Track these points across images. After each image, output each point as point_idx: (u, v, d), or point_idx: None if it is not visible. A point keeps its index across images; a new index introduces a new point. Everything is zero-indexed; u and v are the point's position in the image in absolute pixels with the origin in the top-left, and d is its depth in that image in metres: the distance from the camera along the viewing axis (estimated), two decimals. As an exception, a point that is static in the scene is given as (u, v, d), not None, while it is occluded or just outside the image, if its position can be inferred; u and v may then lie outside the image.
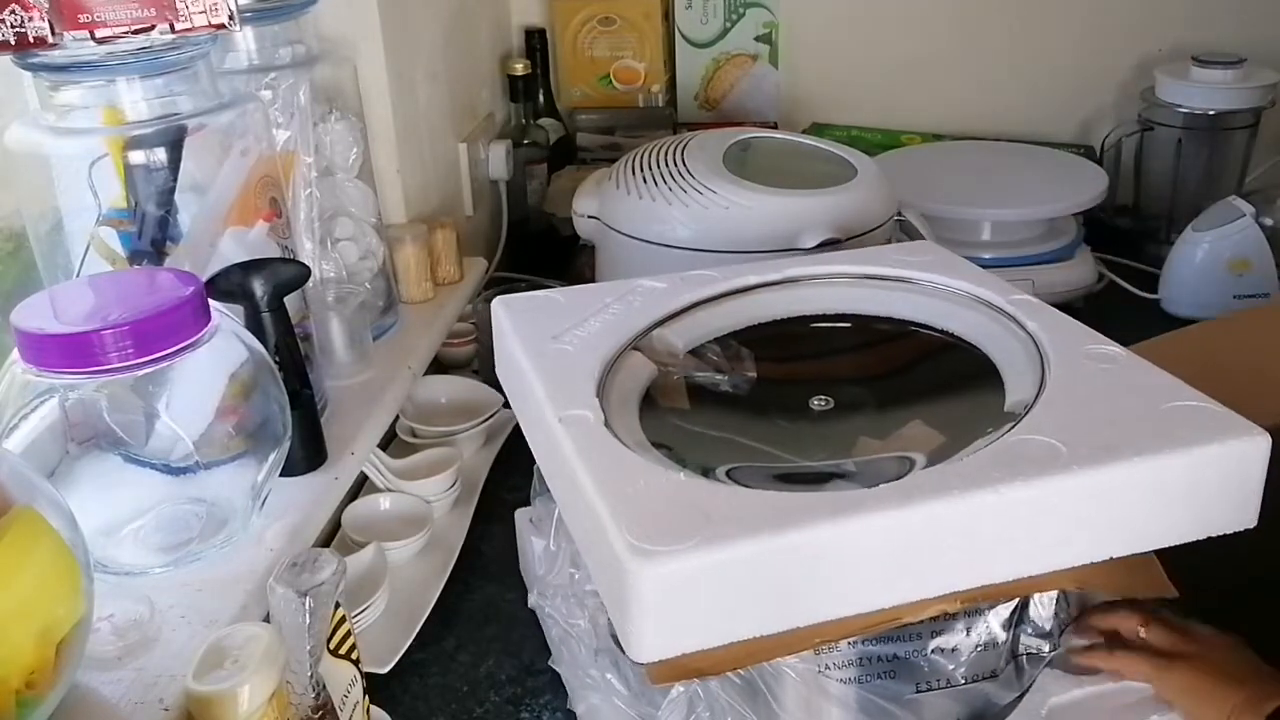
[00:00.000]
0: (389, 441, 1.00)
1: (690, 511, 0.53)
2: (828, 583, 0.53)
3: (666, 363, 0.71)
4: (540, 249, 1.43)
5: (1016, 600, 0.63)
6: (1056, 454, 0.55)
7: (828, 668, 0.61)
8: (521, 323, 0.73)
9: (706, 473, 0.59)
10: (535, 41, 1.57)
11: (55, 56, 0.66)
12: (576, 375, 0.66)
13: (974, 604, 0.61)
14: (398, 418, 0.99)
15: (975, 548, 0.55)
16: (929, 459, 0.59)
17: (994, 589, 0.57)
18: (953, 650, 0.62)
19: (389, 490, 0.93)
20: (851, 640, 0.59)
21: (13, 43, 0.63)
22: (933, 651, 0.62)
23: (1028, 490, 0.53)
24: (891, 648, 0.61)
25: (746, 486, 0.57)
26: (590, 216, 1.10)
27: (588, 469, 0.57)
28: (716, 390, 0.70)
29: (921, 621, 0.59)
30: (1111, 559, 0.57)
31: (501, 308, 0.75)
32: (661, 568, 0.50)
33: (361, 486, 0.95)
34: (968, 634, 0.62)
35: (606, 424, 0.61)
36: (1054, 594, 0.64)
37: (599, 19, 1.60)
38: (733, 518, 0.52)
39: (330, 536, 0.89)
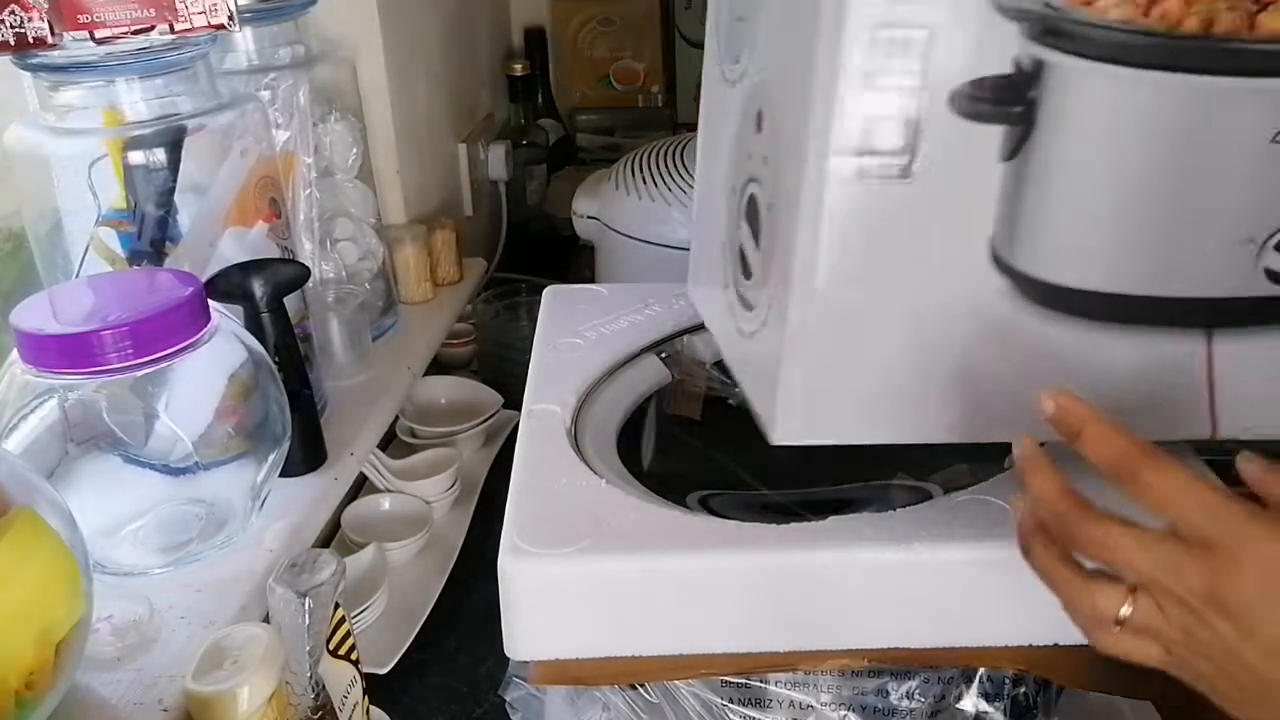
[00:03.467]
0: (389, 442, 1.00)
1: (587, 520, 0.53)
2: (711, 614, 0.53)
3: (688, 371, 0.70)
4: (540, 249, 1.43)
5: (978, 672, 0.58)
6: (1002, 519, 0.52)
7: (745, 702, 0.58)
8: (556, 314, 0.73)
9: (666, 487, 0.58)
10: (535, 42, 1.57)
11: (55, 57, 0.66)
12: (572, 371, 0.66)
13: (887, 665, 0.57)
14: (397, 418, 0.99)
15: (884, 604, 0.52)
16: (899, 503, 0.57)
17: (913, 653, 0.54)
18: (888, 711, 0.59)
19: (389, 491, 0.93)
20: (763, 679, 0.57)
21: (12, 43, 0.63)
22: (858, 708, 0.58)
23: (950, 552, 0.51)
24: (807, 695, 0.58)
25: (682, 507, 0.56)
26: (590, 217, 1.10)
27: (522, 460, 0.58)
28: (731, 405, 0.70)
29: (824, 672, 0.57)
30: (1061, 646, 0.53)
31: (548, 297, 0.76)
32: (530, 568, 0.51)
33: (361, 487, 0.95)
34: (909, 698, 0.58)
35: (574, 422, 0.61)
36: (1007, 672, 0.59)
37: (599, 19, 1.60)
38: (626, 533, 0.52)
39: (330, 537, 0.89)
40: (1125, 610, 0.41)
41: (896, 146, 0.47)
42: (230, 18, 0.67)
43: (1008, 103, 0.47)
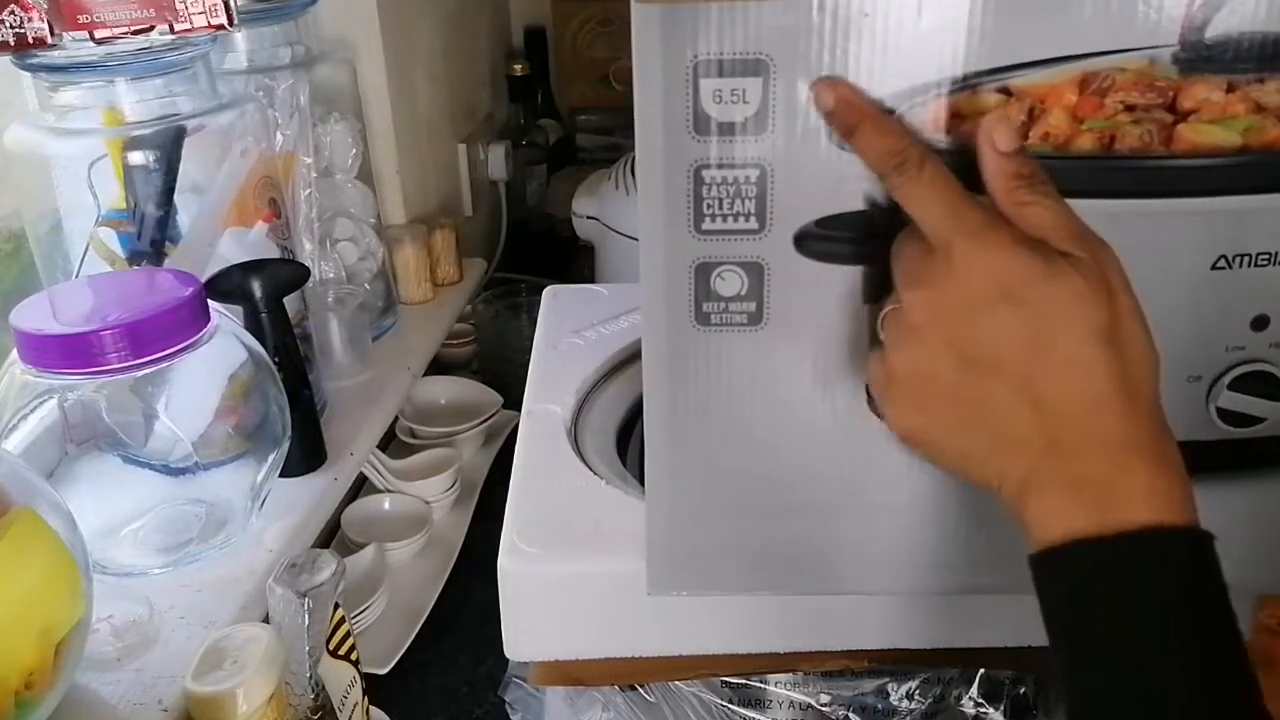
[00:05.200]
0: (388, 442, 1.00)
1: (587, 520, 0.53)
2: (711, 614, 0.52)
3: None
4: (540, 249, 1.43)
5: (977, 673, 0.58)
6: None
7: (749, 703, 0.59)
8: (556, 314, 0.73)
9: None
10: (535, 42, 1.57)
11: (55, 57, 0.66)
12: (572, 371, 0.66)
13: (887, 665, 0.56)
14: (397, 418, 0.99)
15: (884, 604, 0.52)
16: None
17: (913, 653, 0.54)
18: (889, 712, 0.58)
19: (388, 491, 0.93)
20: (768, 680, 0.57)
21: (12, 43, 0.63)
22: (858, 708, 0.58)
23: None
24: (807, 695, 0.58)
25: None
26: (589, 217, 1.10)
27: (521, 461, 0.58)
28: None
29: (826, 672, 0.56)
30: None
31: (548, 297, 0.76)
32: (530, 569, 0.51)
33: (361, 487, 0.95)
34: (909, 698, 0.58)
35: (574, 422, 0.61)
36: (1007, 672, 0.59)
37: (599, 19, 1.60)
38: (626, 533, 0.52)
39: (330, 537, 0.89)
40: (889, 305, 0.41)
41: (739, 293, 0.43)
42: (230, 18, 0.67)
43: (862, 242, 0.42)
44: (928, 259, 0.39)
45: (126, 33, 0.65)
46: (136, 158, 0.70)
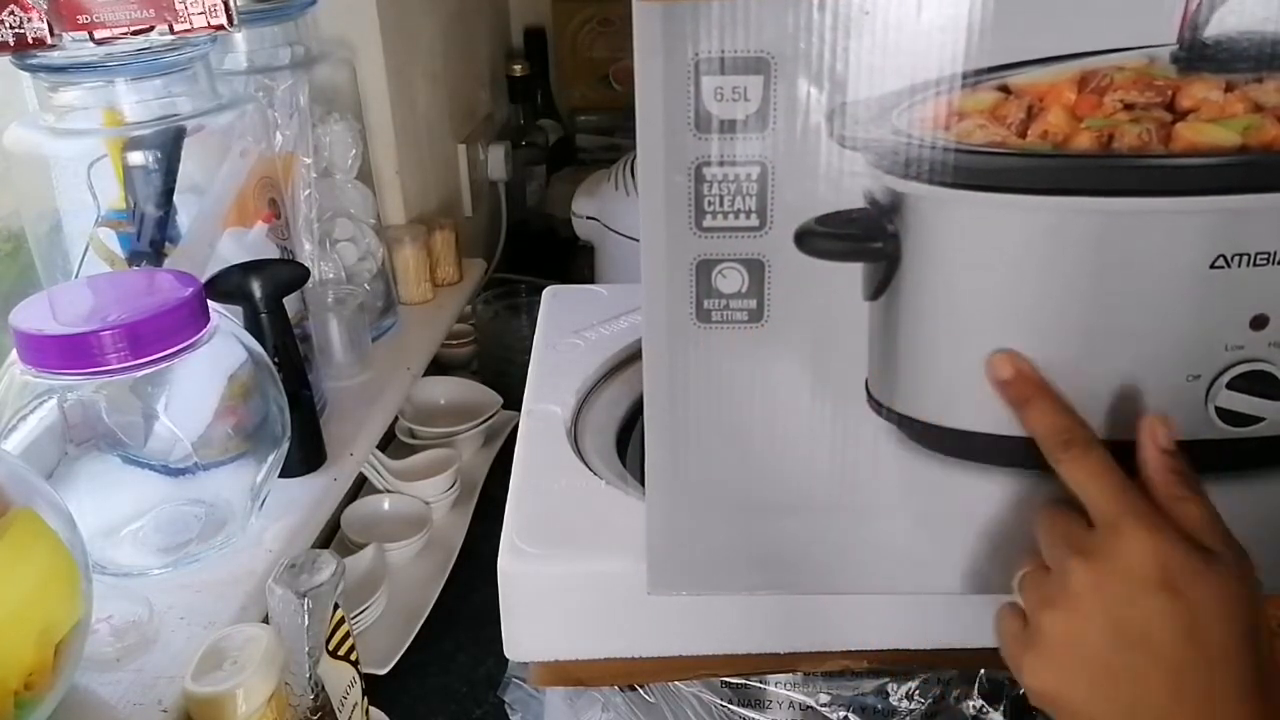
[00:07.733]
0: (388, 442, 1.00)
1: (587, 520, 0.53)
2: (711, 614, 0.52)
3: None
4: (539, 250, 1.43)
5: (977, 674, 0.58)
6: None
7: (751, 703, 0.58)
8: (556, 314, 0.73)
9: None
10: (535, 42, 1.57)
11: (54, 57, 0.66)
12: (572, 371, 0.66)
13: (887, 665, 0.56)
14: (397, 419, 0.99)
15: (885, 604, 0.52)
16: None
17: (913, 653, 0.54)
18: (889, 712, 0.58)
19: (388, 491, 0.93)
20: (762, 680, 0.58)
21: (12, 43, 0.63)
22: (858, 708, 0.58)
23: None
24: (807, 695, 0.58)
25: None
26: (589, 217, 1.10)
27: (521, 461, 0.58)
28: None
29: (826, 672, 0.57)
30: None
31: (548, 297, 0.76)
32: (530, 569, 0.51)
33: (361, 487, 0.95)
34: (909, 698, 0.58)
35: (574, 422, 0.61)
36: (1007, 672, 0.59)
37: (598, 19, 1.60)
38: (626, 533, 0.52)
39: (329, 537, 0.89)
40: (1027, 566, 0.44)
41: (740, 290, 0.44)
42: (229, 18, 0.67)
43: (862, 239, 0.42)
44: (1090, 532, 0.41)
45: (126, 33, 0.65)
46: (136, 158, 0.70)
